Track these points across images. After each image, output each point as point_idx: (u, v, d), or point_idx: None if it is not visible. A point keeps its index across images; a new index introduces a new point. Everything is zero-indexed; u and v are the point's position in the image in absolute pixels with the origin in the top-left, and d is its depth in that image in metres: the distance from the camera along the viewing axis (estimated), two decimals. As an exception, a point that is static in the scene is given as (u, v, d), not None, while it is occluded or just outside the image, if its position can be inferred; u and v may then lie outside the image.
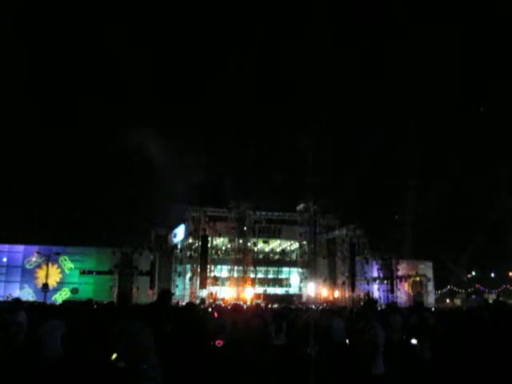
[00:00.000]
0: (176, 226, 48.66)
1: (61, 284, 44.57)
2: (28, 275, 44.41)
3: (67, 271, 45.26)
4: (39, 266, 44.13)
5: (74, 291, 43.89)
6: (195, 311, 9.65)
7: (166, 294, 7.12)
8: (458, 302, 55.92)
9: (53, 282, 43.32)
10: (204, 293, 41.33)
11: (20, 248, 45.11)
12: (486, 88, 66.14)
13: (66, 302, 25.97)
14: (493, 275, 60.92)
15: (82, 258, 45.77)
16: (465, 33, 69.38)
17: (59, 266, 44.88)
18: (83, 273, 44.57)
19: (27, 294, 41.87)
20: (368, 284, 48.04)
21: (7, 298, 32.53)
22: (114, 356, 5.80)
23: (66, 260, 45.22)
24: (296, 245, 50.07)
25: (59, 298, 41.46)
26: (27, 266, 44.53)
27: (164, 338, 6.41)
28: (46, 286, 40.60)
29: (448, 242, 55.27)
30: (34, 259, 44.09)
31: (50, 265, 42.95)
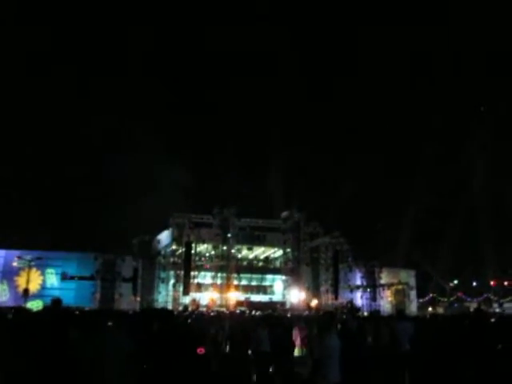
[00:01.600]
0: (160, 232, 48.42)
1: (42, 290, 43.96)
2: (9, 280, 43.77)
3: (48, 277, 44.63)
4: (20, 272, 43.43)
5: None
6: (170, 318, 9.54)
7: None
8: (440, 310, 56.31)
9: (33, 287, 42.71)
10: (187, 299, 41.13)
11: (1, 253, 44.49)
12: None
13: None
14: (474, 284, 61.46)
15: (63, 263, 45.23)
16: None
17: (41, 272, 44.28)
18: (65, 278, 44.02)
19: (8, 300, 41.32)
20: (351, 292, 48.15)
21: None
22: None
23: (48, 268, 44.57)
24: (280, 252, 50.07)
25: (33, 306, 40.16)
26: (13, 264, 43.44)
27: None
28: (26, 291, 40.00)
29: (430, 250, 55.70)
30: (14, 264, 43.40)
31: (31, 270, 42.45)
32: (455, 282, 62.24)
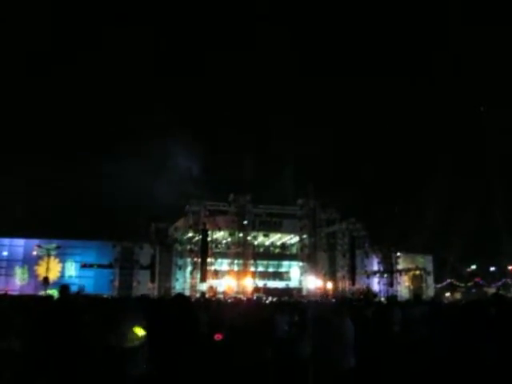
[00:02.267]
0: (176, 219, 48.67)
1: (61, 278, 44.56)
2: (28, 269, 44.42)
3: (67, 265, 45.20)
4: (39, 261, 44.06)
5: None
6: (186, 304, 9.59)
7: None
8: (457, 295, 56.02)
9: (53, 276, 43.32)
10: (204, 286, 41.45)
11: (21, 242, 45.12)
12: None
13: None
14: (492, 269, 60.97)
15: (82, 251, 45.78)
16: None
17: (60, 260, 44.85)
18: (84, 266, 44.63)
19: (28, 288, 42.06)
20: (368, 278, 48.14)
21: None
22: None
23: (67, 254, 45.12)
24: (296, 238, 50.06)
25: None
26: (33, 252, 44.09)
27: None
28: (46, 280, 40.62)
29: (448, 235, 55.27)
30: (34, 253, 44.03)
31: (50, 259, 43.11)
32: (473, 267, 61.81)
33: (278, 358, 7.50)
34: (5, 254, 44.83)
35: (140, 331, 5.85)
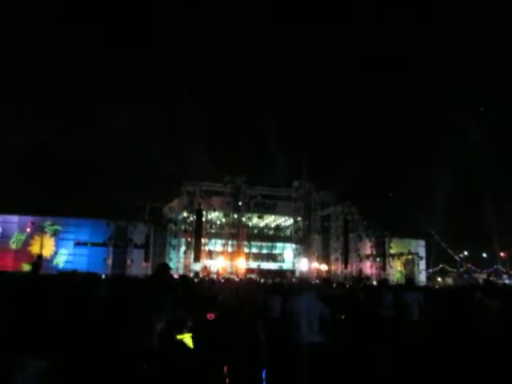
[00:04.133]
0: (171, 199, 48.64)
1: (55, 256, 44.52)
2: (22, 245, 44.32)
3: (61, 243, 45.12)
4: (33, 237, 43.99)
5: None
6: (189, 284, 9.77)
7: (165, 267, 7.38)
8: (449, 280, 56.54)
9: (47, 253, 43.32)
10: (198, 266, 41.59)
11: (14, 219, 44.99)
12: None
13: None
14: (485, 255, 61.49)
15: (76, 229, 45.73)
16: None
17: (54, 238, 44.75)
18: (77, 244, 44.64)
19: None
20: (361, 261, 48.44)
21: None
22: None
23: (59, 231, 45.01)
24: (291, 221, 50.19)
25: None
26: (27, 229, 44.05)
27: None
28: (40, 257, 40.67)
29: (441, 221, 55.58)
30: (28, 230, 43.95)
31: (45, 236, 43.07)
32: (465, 253, 62.29)
33: (270, 339, 7.55)
34: (-1, 230, 44.66)
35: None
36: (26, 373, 5.01)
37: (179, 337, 6.53)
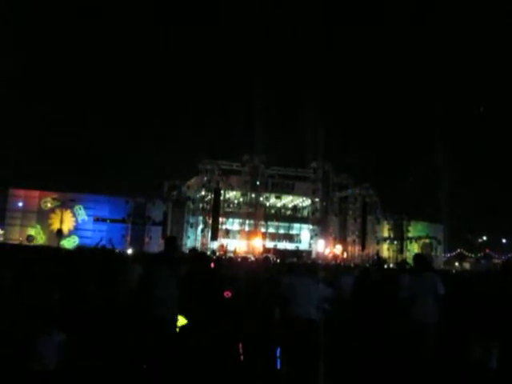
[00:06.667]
0: (190, 177, 48.83)
1: (75, 230, 45.11)
2: (43, 220, 44.99)
3: (81, 218, 45.65)
4: (53, 211, 44.60)
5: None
6: (208, 260, 9.86)
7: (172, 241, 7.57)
8: (466, 265, 56.12)
9: (66, 228, 43.94)
10: (215, 245, 41.88)
11: (36, 193, 45.58)
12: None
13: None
14: (504, 241, 60.83)
15: (95, 205, 46.18)
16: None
17: (73, 213, 45.31)
18: (97, 220, 45.16)
19: (40, 239, 42.90)
20: (378, 244, 48.28)
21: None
22: None
23: (80, 208, 45.53)
24: (308, 201, 50.05)
25: (67, 244, 41.41)
26: (43, 207, 44.73)
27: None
28: (60, 232, 41.29)
29: (460, 205, 55.03)
30: (48, 204, 44.56)
31: (64, 211, 43.69)
32: (484, 238, 61.69)
33: (284, 318, 7.62)
34: (20, 204, 45.33)
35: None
36: (49, 341, 5.44)
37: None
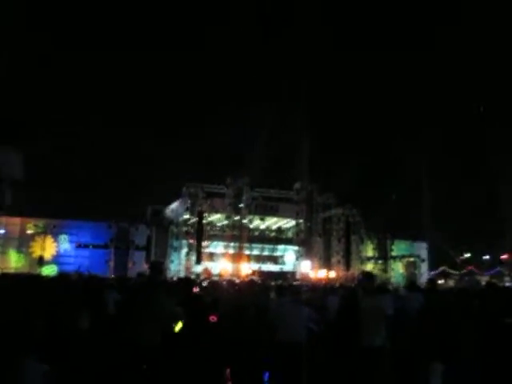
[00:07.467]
0: (173, 201, 48.69)
1: (57, 257, 44.50)
2: (24, 248, 44.33)
3: (63, 246, 45.06)
4: (33, 239, 43.95)
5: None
6: (191, 285, 9.81)
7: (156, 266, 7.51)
8: (450, 282, 56.38)
9: (48, 254, 43.37)
10: (199, 268, 41.64)
11: (17, 221, 45.00)
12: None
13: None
14: (487, 258, 61.23)
15: (78, 231, 45.72)
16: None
17: (55, 239, 44.75)
18: (79, 246, 44.65)
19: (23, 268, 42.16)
20: (362, 263, 48.43)
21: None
22: None
23: (64, 238, 44.94)
24: (292, 223, 50.14)
25: (47, 271, 40.56)
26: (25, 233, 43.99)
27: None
28: (41, 259, 40.75)
29: (442, 223, 55.48)
30: (29, 232, 43.94)
31: (46, 237, 43.15)
32: (467, 255, 62.12)
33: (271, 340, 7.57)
34: (1, 232, 44.63)
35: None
36: (27, 375, 5.11)
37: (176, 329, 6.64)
